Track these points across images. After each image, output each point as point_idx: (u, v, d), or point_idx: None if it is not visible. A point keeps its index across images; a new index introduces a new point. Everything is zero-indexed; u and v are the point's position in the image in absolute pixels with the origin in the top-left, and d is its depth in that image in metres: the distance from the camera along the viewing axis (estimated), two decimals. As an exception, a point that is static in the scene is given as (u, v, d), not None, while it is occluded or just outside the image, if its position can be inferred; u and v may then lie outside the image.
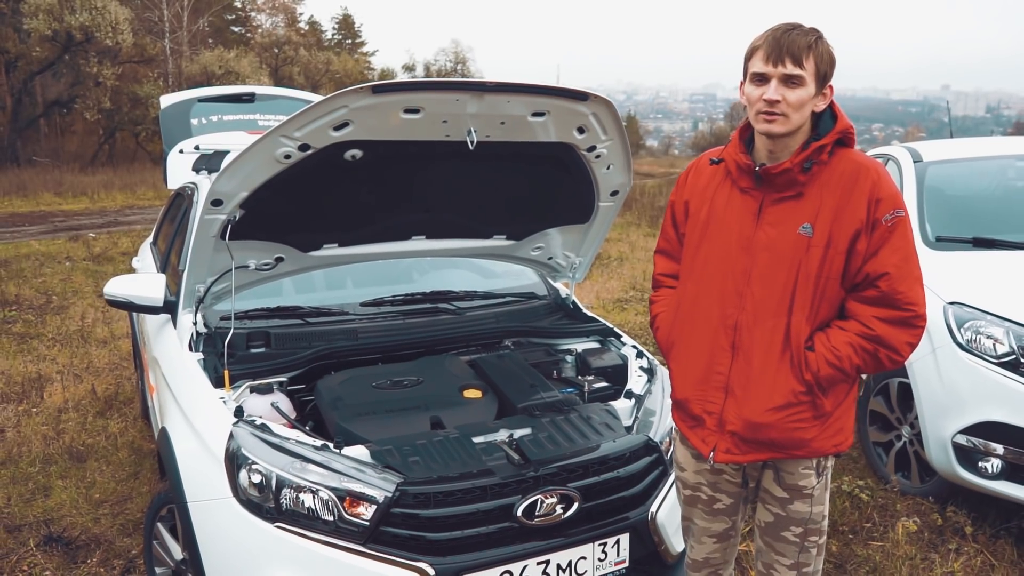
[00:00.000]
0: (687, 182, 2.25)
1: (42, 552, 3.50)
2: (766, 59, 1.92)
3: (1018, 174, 4.77)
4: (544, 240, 3.49)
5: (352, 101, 2.41)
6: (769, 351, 2.01)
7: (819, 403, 2.02)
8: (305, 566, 2.28)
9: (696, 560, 2.39)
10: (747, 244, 2.04)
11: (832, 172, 1.98)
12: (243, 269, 2.98)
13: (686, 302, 2.18)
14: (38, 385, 5.74)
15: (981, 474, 3.42)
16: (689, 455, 2.29)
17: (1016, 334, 3.39)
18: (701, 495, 2.29)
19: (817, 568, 2.21)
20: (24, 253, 11.45)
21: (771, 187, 2.01)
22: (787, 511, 2.14)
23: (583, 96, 2.68)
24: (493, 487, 2.36)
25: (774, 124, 1.93)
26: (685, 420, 2.22)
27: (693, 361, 2.15)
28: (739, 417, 2.05)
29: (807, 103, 1.93)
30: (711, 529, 2.32)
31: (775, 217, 2.01)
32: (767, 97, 1.91)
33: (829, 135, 1.97)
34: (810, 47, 1.90)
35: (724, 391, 2.09)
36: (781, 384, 2.00)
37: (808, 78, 1.91)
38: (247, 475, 2.36)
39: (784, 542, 2.17)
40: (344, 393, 2.78)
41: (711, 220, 2.12)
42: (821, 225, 1.96)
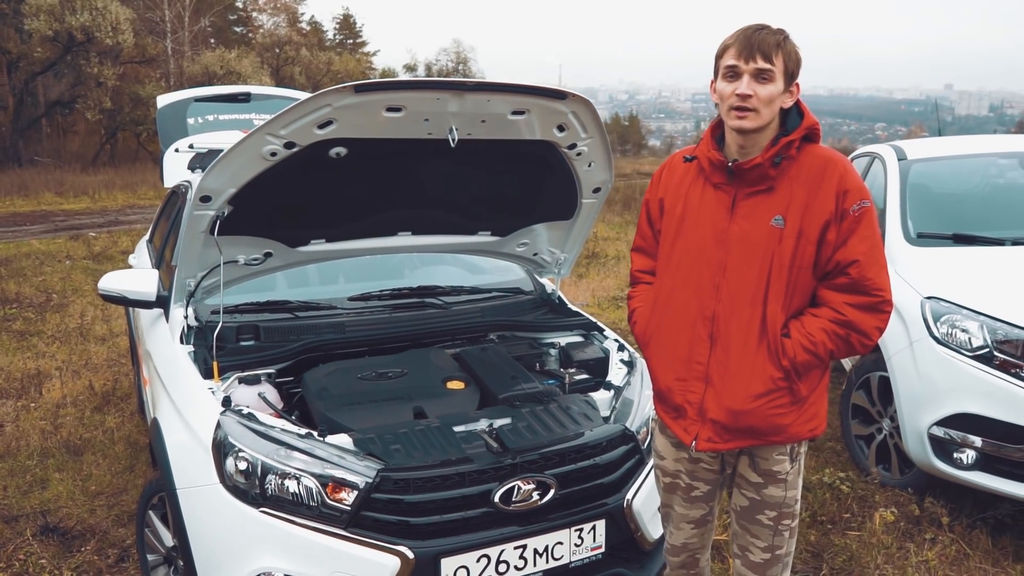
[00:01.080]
0: (661, 180, 2.32)
1: (38, 542, 3.58)
2: (738, 55, 2.00)
3: (1000, 172, 4.84)
4: (529, 236, 3.57)
5: (335, 100, 2.48)
6: (746, 340, 2.09)
7: (796, 388, 2.10)
8: (289, 549, 2.36)
9: (675, 545, 2.47)
10: (722, 237, 2.12)
11: (800, 166, 2.06)
12: (232, 264, 3.06)
13: (663, 296, 2.25)
14: (37, 381, 5.82)
15: (956, 465, 3.49)
16: (669, 444, 2.36)
17: (990, 328, 3.46)
18: (680, 483, 2.36)
19: (789, 551, 2.29)
20: (25, 252, 11.54)
21: (743, 182, 2.10)
22: (761, 496, 2.22)
23: (561, 95, 2.76)
24: (471, 474, 2.44)
25: (746, 120, 2.01)
26: (667, 410, 2.29)
27: (672, 352, 2.21)
28: (719, 406, 2.13)
29: (776, 99, 2.02)
30: (689, 515, 2.39)
31: (748, 210, 2.09)
32: (740, 91, 1.99)
33: (797, 131, 2.06)
34: (779, 45, 2.00)
35: (704, 381, 2.16)
36: (759, 372, 2.08)
37: (777, 74, 2.00)
38: (233, 462, 2.44)
39: (759, 525, 2.25)
40: (330, 384, 2.85)
41: (686, 215, 2.19)
42: (792, 217, 2.04)
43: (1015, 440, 3.33)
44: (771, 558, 2.26)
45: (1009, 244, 4.10)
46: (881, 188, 4.76)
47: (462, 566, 2.41)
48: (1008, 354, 3.39)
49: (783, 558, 2.28)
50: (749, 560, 2.29)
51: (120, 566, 3.41)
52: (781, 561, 2.28)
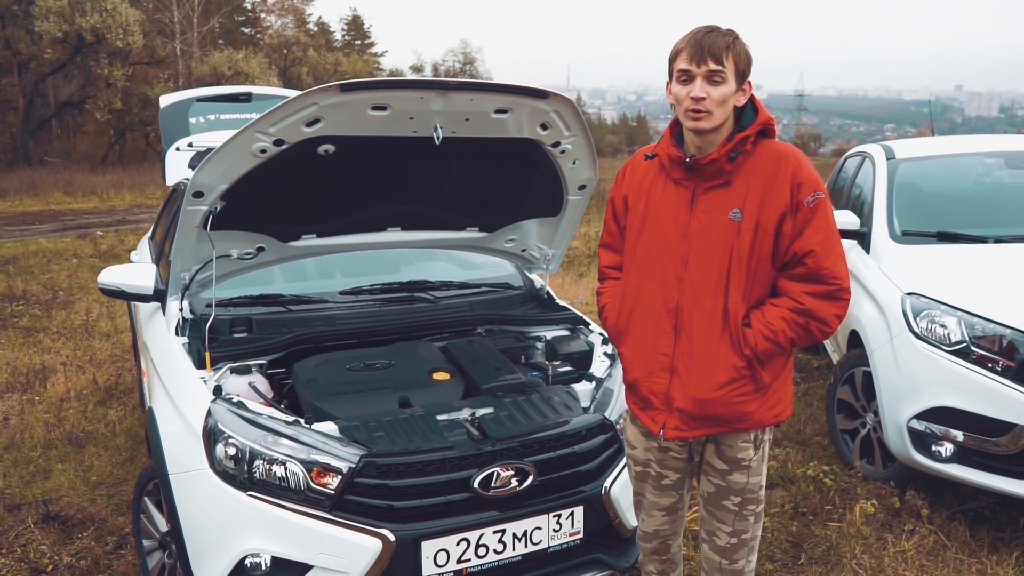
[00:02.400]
0: (625, 178, 2.40)
1: (40, 529, 3.68)
2: (690, 59, 2.08)
3: (986, 171, 4.90)
4: (517, 232, 3.65)
5: (321, 99, 2.57)
6: (709, 331, 2.16)
7: (759, 376, 2.17)
8: (275, 531, 2.45)
9: (647, 532, 2.54)
10: (683, 231, 2.19)
11: (756, 161, 2.14)
12: (225, 258, 3.15)
13: (631, 290, 2.32)
14: (42, 376, 5.94)
15: (934, 458, 3.56)
16: (639, 434, 2.43)
17: (968, 323, 3.53)
18: (650, 471, 2.43)
19: (755, 535, 2.37)
20: (33, 250, 11.69)
21: (701, 177, 2.17)
22: (727, 481, 2.29)
23: (543, 94, 2.84)
24: (452, 460, 2.53)
25: (701, 121, 2.09)
26: (636, 401, 2.37)
27: (639, 345, 2.29)
28: (685, 395, 2.19)
29: (729, 99, 2.09)
30: (660, 503, 2.46)
31: (707, 205, 2.17)
32: (693, 95, 2.07)
33: (752, 127, 2.14)
34: (728, 47, 2.07)
35: (669, 372, 2.23)
36: (723, 361, 2.15)
37: (729, 75, 2.07)
38: (223, 448, 2.53)
39: (724, 510, 2.32)
40: (318, 374, 2.94)
41: (649, 211, 2.27)
42: (749, 210, 2.12)
43: (991, 433, 3.40)
44: (737, 542, 2.34)
45: (992, 242, 4.16)
46: (870, 187, 4.83)
47: (442, 549, 2.50)
48: (985, 349, 3.45)
49: (748, 542, 2.35)
50: (716, 544, 2.37)
51: (118, 552, 3.51)
52: (747, 545, 2.35)
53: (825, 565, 3.34)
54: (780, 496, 3.92)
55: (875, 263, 4.26)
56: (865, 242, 4.49)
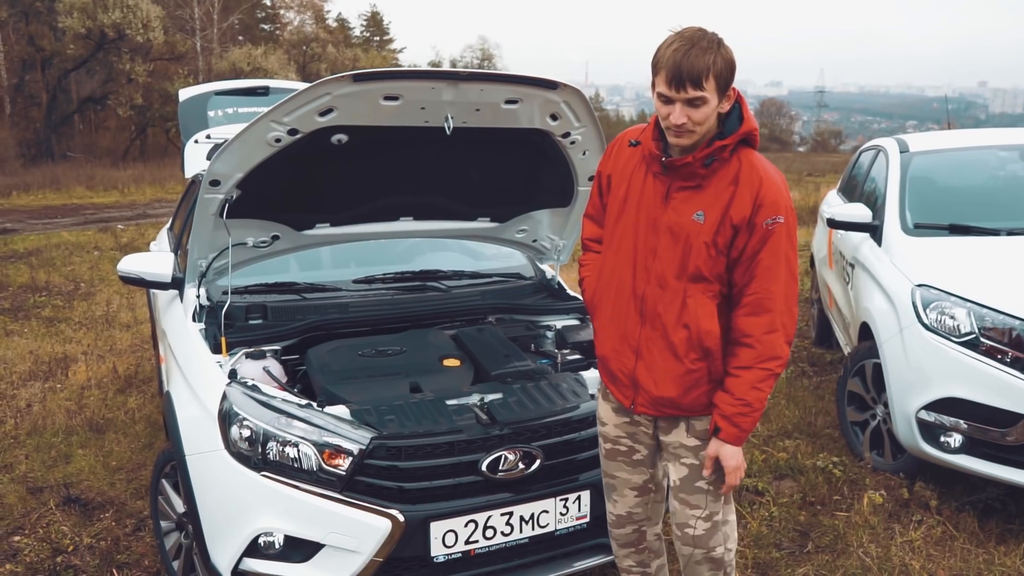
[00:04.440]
0: (611, 156, 2.42)
1: (61, 511, 3.78)
2: (668, 84, 2.04)
3: (1000, 164, 4.88)
4: (528, 223, 3.70)
5: (334, 89, 2.63)
6: (668, 321, 2.22)
7: (713, 369, 2.23)
8: (288, 511, 2.51)
9: (619, 515, 2.53)
10: (655, 224, 2.24)
11: (730, 169, 2.15)
12: (241, 246, 3.22)
13: (606, 271, 2.38)
14: (63, 364, 6.05)
15: (943, 448, 3.57)
16: (610, 409, 2.47)
17: (977, 315, 3.53)
18: (621, 447, 2.46)
19: (727, 519, 2.39)
20: (55, 243, 11.86)
21: (676, 176, 2.20)
22: (700, 459, 2.31)
23: (553, 85, 2.88)
24: (460, 443, 2.58)
25: (682, 139, 2.11)
26: (607, 376, 2.43)
27: (611, 324, 2.36)
28: (648, 378, 2.28)
29: (711, 115, 2.08)
30: (632, 481, 2.48)
31: (677, 203, 2.21)
32: (674, 121, 2.06)
33: (733, 136, 2.13)
34: (708, 68, 2.00)
35: (635, 354, 2.30)
36: (679, 352, 2.22)
37: (710, 96, 2.04)
38: (238, 430, 2.60)
39: (698, 493, 2.33)
40: (331, 360, 3.00)
41: (628, 198, 2.31)
42: (712, 214, 2.15)
43: (1000, 424, 3.41)
44: (710, 527, 2.33)
45: (1004, 234, 4.16)
46: (883, 180, 4.83)
47: (450, 530, 2.55)
48: (994, 340, 3.46)
49: (721, 526, 2.36)
50: (689, 535, 2.35)
51: (136, 534, 3.59)
52: (720, 530, 2.35)
53: (832, 553, 3.37)
54: (789, 486, 3.95)
55: (886, 255, 4.27)
56: (877, 235, 4.49)
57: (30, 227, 13.88)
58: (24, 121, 28.62)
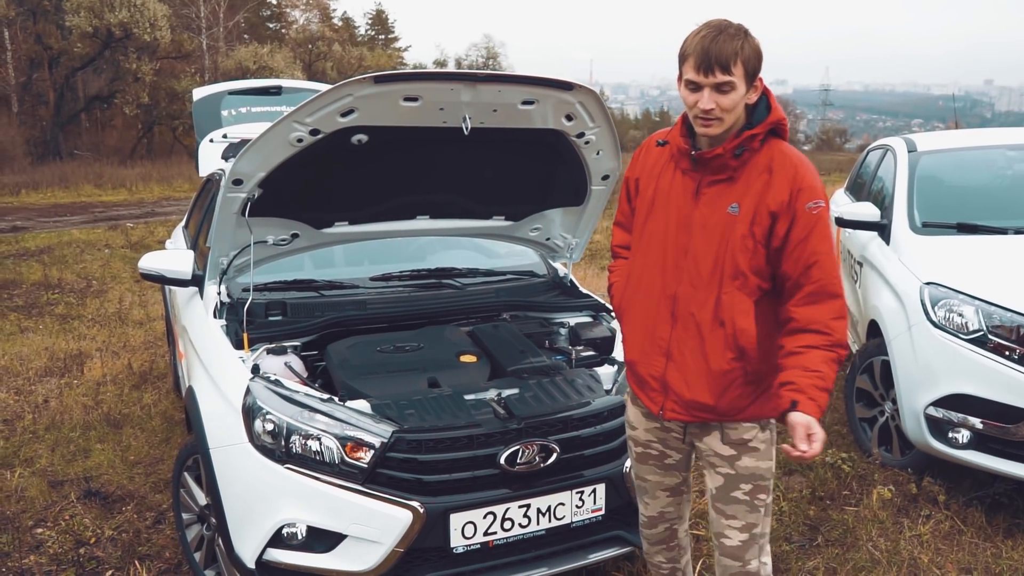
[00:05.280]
0: (638, 160, 2.40)
1: (82, 504, 3.85)
2: (696, 69, 2.03)
3: (1008, 163, 4.93)
4: (541, 221, 3.75)
5: (356, 90, 2.68)
6: (702, 321, 2.16)
7: (750, 369, 2.16)
8: (311, 503, 2.57)
9: (651, 516, 2.51)
10: (686, 221, 2.20)
11: (761, 159, 2.12)
12: (262, 244, 3.28)
13: (635, 273, 2.34)
14: (79, 361, 6.12)
15: (951, 444, 3.62)
16: (640, 413, 2.42)
17: (985, 312, 3.58)
18: (652, 451, 2.42)
19: (764, 531, 2.29)
20: (66, 241, 11.95)
21: (707, 170, 2.17)
22: (735, 468, 2.24)
23: (568, 86, 2.93)
24: (479, 437, 2.64)
25: (710, 128, 2.08)
26: (635, 381, 2.37)
27: (640, 327, 2.31)
28: (680, 382, 2.21)
29: (739, 103, 2.06)
30: (664, 483, 2.44)
31: (709, 198, 2.17)
32: (702, 107, 2.04)
33: (761, 125, 2.11)
34: (737, 53, 2.01)
35: (666, 356, 2.24)
36: (712, 352, 2.16)
37: (738, 82, 2.03)
38: (261, 423, 2.66)
39: (734, 503, 2.25)
40: (351, 355, 3.07)
41: (656, 198, 2.28)
42: (747, 204, 2.11)
43: (1008, 420, 3.45)
44: (748, 539, 2.27)
45: (1012, 233, 4.20)
46: (891, 179, 4.87)
47: (469, 522, 2.61)
48: (1002, 337, 3.51)
49: (759, 539, 2.28)
50: (726, 546, 2.29)
51: (156, 527, 3.66)
52: (757, 543, 2.28)
53: (841, 547, 3.42)
54: (798, 482, 4.00)
55: (895, 254, 4.32)
56: (885, 233, 4.54)
57: (40, 225, 13.98)
58: (32, 119, 28.75)
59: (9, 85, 27.73)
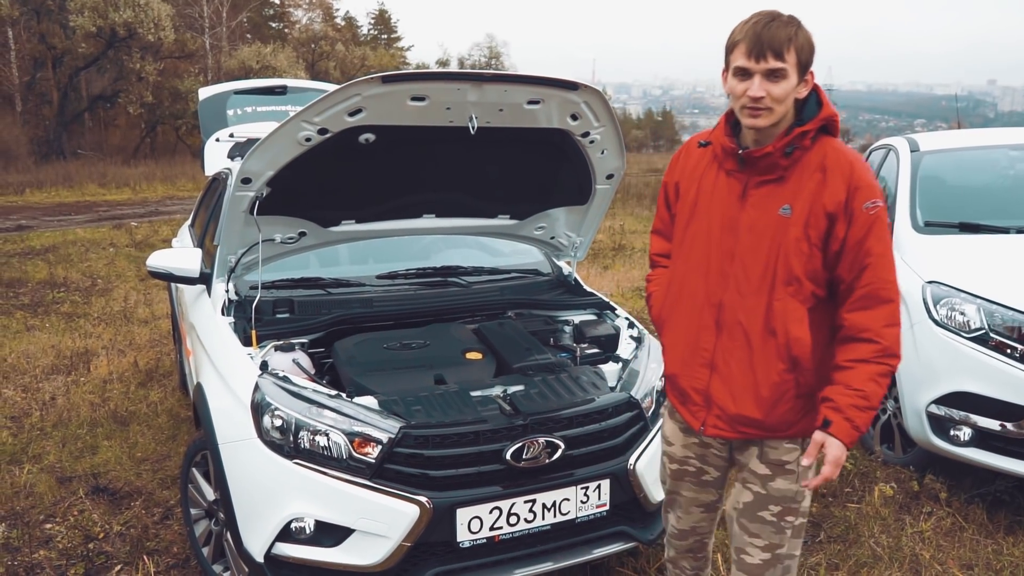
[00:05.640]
0: (678, 164, 2.30)
1: (90, 500, 3.88)
2: (748, 54, 1.94)
3: (1010, 163, 4.95)
4: (546, 220, 3.78)
5: (364, 90, 2.71)
6: (751, 330, 2.05)
7: (802, 381, 2.04)
8: (319, 497, 2.60)
9: (683, 530, 2.44)
10: (731, 224, 2.09)
11: (812, 157, 2.02)
12: (270, 242, 3.31)
13: (676, 280, 2.23)
14: (85, 359, 6.16)
15: (953, 442, 3.64)
16: (678, 429, 2.33)
17: (987, 311, 3.61)
18: (689, 468, 2.33)
19: (792, 553, 2.19)
20: (71, 240, 12.00)
21: (755, 170, 2.06)
22: (767, 489, 2.14)
23: (574, 86, 2.96)
24: (485, 432, 2.66)
25: (759, 118, 1.97)
26: (675, 394, 2.27)
27: (681, 338, 2.20)
28: (725, 395, 2.10)
29: (790, 94, 1.96)
30: (699, 499, 2.36)
31: (757, 199, 2.06)
32: (752, 94, 1.94)
33: (812, 122, 2.01)
34: (790, 39, 1.92)
35: (709, 368, 2.13)
36: (762, 362, 2.04)
37: (790, 70, 1.93)
38: (270, 419, 2.69)
39: (760, 522, 2.17)
40: (358, 352, 3.10)
41: (699, 201, 2.17)
42: (800, 206, 2.00)
43: (1009, 417, 3.48)
44: (770, 558, 2.17)
45: (1014, 232, 4.23)
46: (894, 179, 4.90)
47: (476, 516, 2.64)
48: (1003, 335, 3.53)
49: (783, 559, 2.18)
50: (745, 563, 2.21)
51: (164, 523, 3.69)
52: (781, 563, 2.18)
53: (844, 543, 3.45)
54: (801, 479, 4.02)
55: (897, 253, 4.34)
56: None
57: (45, 224, 14.03)
58: (35, 119, 28.84)
59: (13, 85, 27.82)
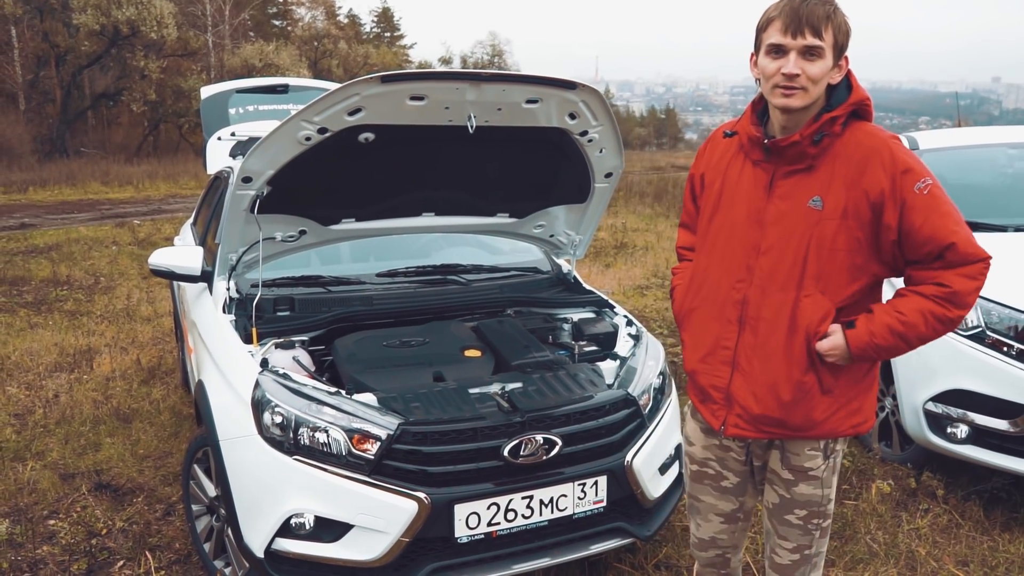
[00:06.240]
0: (703, 156, 2.24)
1: (93, 496, 3.91)
2: (784, 30, 1.86)
3: (1008, 161, 4.96)
4: (545, 218, 3.80)
5: (363, 89, 2.74)
6: (776, 327, 1.99)
7: (827, 380, 1.99)
8: (319, 493, 2.63)
9: (703, 539, 2.38)
10: (758, 217, 2.02)
11: (846, 144, 1.94)
12: (270, 240, 3.34)
13: (699, 274, 2.17)
14: (88, 356, 6.19)
15: (950, 439, 3.66)
16: (699, 429, 2.28)
17: (984, 309, 3.62)
18: (708, 471, 2.29)
19: (820, 550, 2.21)
20: (74, 238, 12.04)
21: (782, 160, 1.98)
22: (792, 493, 2.13)
23: (572, 85, 2.98)
24: (483, 429, 2.69)
25: (793, 98, 1.89)
26: (696, 393, 2.22)
27: (702, 334, 2.14)
28: (747, 393, 2.05)
29: (825, 76, 1.88)
30: (718, 507, 2.31)
31: (785, 190, 1.98)
32: (787, 71, 1.86)
33: (842, 106, 1.93)
34: (828, 17, 1.85)
35: (731, 366, 2.07)
36: (786, 361, 1.98)
37: (827, 49, 1.86)
38: (270, 416, 2.71)
39: (787, 525, 2.17)
40: (357, 350, 3.12)
41: (724, 192, 2.11)
42: (833, 197, 1.92)
43: (1005, 415, 3.50)
44: (799, 559, 2.19)
45: (1012, 231, 4.24)
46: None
47: (473, 512, 2.66)
48: (1000, 333, 3.55)
49: (812, 558, 2.20)
50: (775, 562, 2.24)
51: (167, 519, 3.72)
52: (809, 562, 2.21)
53: (840, 540, 3.47)
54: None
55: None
56: (887, 231, 4.58)
57: (48, 222, 14.07)
58: (39, 117, 28.92)
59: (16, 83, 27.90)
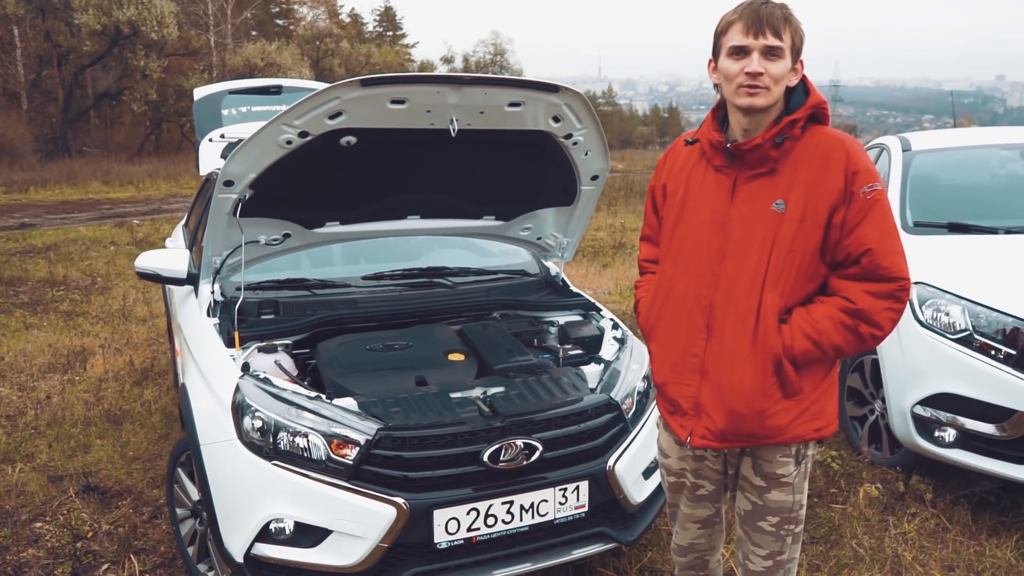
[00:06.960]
0: (665, 165, 2.26)
1: (80, 499, 3.91)
2: (746, 31, 1.90)
3: (1001, 163, 4.95)
4: (532, 221, 3.79)
5: (343, 93, 2.73)
6: (742, 331, 1.99)
7: (788, 381, 2.00)
8: (298, 498, 2.62)
9: (682, 545, 2.44)
10: (721, 222, 2.03)
11: (805, 147, 1.97)
12: (254, 244, 3.33)
13: (664, 284, 2.18)
14: (82, 357, 6.20)
15: (938, 443, 3.64)
16: (672, 441, 2.31)
17: (972, 312, 3.60)
18: (685, 481, 2.31)
19: (793, 556, 2.22)
20: (72, 238, 12.06)
21: (744, 164, 2.01)
22: (764, 500, 2.14)
23: (554, 88, 2.97)
24: (463, 434, 2.68)
25: (757, 97, 1.92)
26: (665, 405, 2.23)
27: (670, 344, 2.15)
28: (715, 402, 2.05)
29: (785, 77, 1.93)
30: (695, 515, 2.35)
31: (748, 194, 2.01)
32: (750, 70, 1.90)
33: (801, 109, 1.96)
34: (787, 19, 1.91)
35: (700, 374, 2.08)
36: (752, 366, 1.99)
37: (786, 50, 1.91)
38: (250, 420, 2.71)
39: (760, 532, 2.18)
40: (340, 353, 3.11)
41: (687, 200, 2.12)
42: (795, 200, 1.95)
43: (992, 419, 3.48)
44: (772, 565, 2.21)
45: (1002, 233, 4.22)
46: (885, 179, 4.90)
47: (453, 518, 2.65)
48: (988, 337, 3.53)
49: (785, 564, 2.22)
50: (749, 569, 2.24)
51: (153, 522, 3.72)
52: (783, 567, 2.22)
53: (826, 544, 3.45)
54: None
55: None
56: (878, 233, 4.56)
57: (48, 222, 14.10)
58: (41, 116, 28.98)
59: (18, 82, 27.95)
